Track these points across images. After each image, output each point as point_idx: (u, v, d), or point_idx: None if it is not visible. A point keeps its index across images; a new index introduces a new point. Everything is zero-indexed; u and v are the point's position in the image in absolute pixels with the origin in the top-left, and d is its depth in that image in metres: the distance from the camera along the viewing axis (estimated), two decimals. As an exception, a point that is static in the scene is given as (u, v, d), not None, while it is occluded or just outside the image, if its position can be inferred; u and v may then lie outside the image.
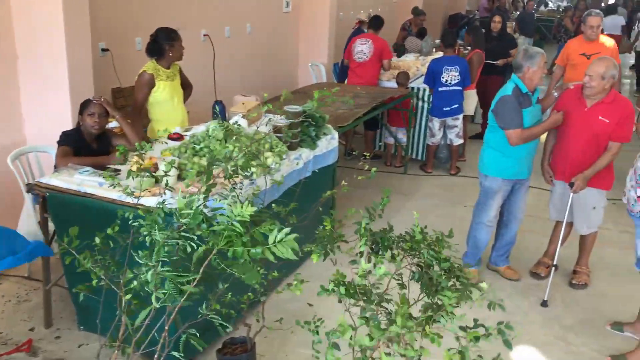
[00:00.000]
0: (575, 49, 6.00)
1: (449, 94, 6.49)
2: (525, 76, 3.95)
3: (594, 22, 5.85)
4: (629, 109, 3.93)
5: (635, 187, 3.36)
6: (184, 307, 2.10)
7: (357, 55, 6.82)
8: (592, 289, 4.38)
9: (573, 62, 5.90)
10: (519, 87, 3.96)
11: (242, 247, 1.74)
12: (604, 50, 5.74)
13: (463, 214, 5.33)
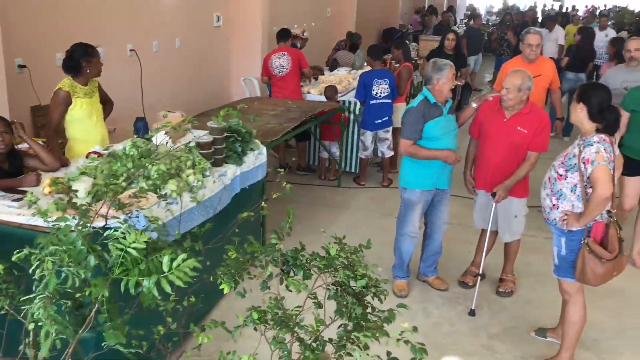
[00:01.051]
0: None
1: (379, 107, 6.56)
2: (435, 88, 4.07)
3: (533, 41, 5.37)
4: (545, 119, 4.07)
5: (550, 195, 3.46)
6: (88, 339, 2.00)
7: (277, 69, 6.87)
8: (518, 296, 4.48)
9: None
10: (427, 99, 4.08)
11: (138, 276, 1.66)
12: (546, 73, 5.44)
13: (393, 225, 5.36)
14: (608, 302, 4.38)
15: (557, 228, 3.45)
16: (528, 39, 5.42)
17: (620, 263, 3.32)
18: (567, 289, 3.51)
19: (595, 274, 3.26)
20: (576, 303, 3.49)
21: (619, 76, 5.36)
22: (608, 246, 3.29)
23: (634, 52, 5.30)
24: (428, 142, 4.10)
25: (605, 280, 3.32)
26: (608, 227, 3.32)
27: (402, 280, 4.45)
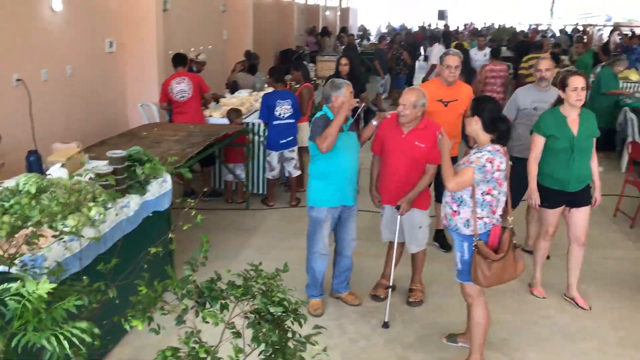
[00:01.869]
0: (430, 94, 4.90)
1: (283, 127, 6.61)
2: (335, 105, 4.18)
3: (453, 62, 5.01)
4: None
5: (450, 203, 3.63)
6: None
7: (179, 94, 6.75)
8: (428, 304, 4.64)
9: (428, 109, 4.74)
10: (327, 116, 4.18)
11: (35, 330, 1.53)
12: (463, 98, 5.04)
13: (305, 245, 5.39)
14: (511, 302, 4.64)
15: (458, 234, 3.61)
16: (447, 60, 5.05)
17: (514, 268, 3.55)
18: (469, 292, 3.68)
19: (484, 275, 3.48)
20: (479, 305, 3.68)
21: (529, 96, 5.25)
22: (499, 249, 3.51)
23: (544, 72, 5.18)
24: (328, 158, 4.18)
25: (496, 283, 3.53)
26: (504, 231, 3.54)
27: (317, 299, 4.48)
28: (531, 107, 5.18)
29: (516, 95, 5.40)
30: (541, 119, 4.49)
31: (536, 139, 4.46)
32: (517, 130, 5.14)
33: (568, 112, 4.36)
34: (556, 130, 4.36)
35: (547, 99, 5.03)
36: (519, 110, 5.27)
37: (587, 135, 4.38)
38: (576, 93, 4.25)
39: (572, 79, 4.25)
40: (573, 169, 4.38)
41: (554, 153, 4.42)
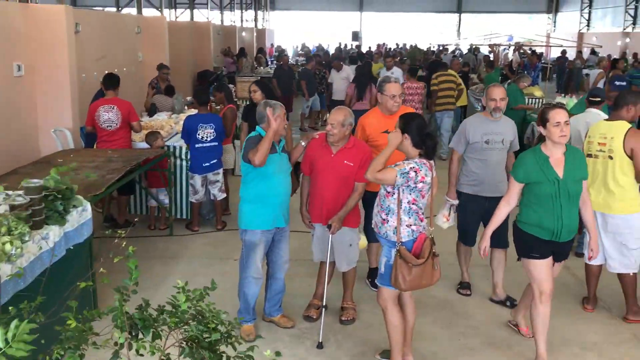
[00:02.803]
0: (373, 126, 4.77)
1: (206, 151, 6.49)
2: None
3: (396, 90, 4.70)
4: (368, 152, 4.36)
5: (380, 212, 3.78)
6: None
7: (106, 123, 6.41)
8: (360, 322, 4.67)
9: (375, 143, 4.64)
10: (261, 135, 4.15)
11: None
12: None
13: (233, 269, 5.29)
14: (439, 314, 4.75)
15: (388, 240, 3.76)
16: (390, 89, 4.69)
17: (432, 275, 3.72)
18: (386, 297, 3.83)
19: (405, 278, 3.62)
20: (392, 309, 3.84)
21: (479, 128, 4.75)
22: (420, 255, 3.68)
23: (499, 102, 4.67)
24: (262, 179, 4.16)
25: (415, 287, 3.71)
26: (426, 239, 3.72)
27: (249, 324, 4.40)
28: (482, 140, 4.72)
29: (465, 127, 4.86)
30: (519, 161, 3.91)
31: (511, 184, 3.96)
32: (469, 166, 4.85)
33: (551, 151, 3.79)
34: (538, 174, 3.77)
35: (500, 131, 4.73)
36: (468, 144, 4.80)
37: (575, 178, 3.79)
38: (559, 129, 3.68)
39: (553, 113, 3.71)
40: (563, 218, 3.78)
41: (539, 200, 3.81)
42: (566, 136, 3.72)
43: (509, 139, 4.82)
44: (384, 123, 4.70)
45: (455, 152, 4.93)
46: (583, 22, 32.38)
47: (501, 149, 4.78)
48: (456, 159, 4.93)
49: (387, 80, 4.84)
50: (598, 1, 31.45)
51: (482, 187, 4.81)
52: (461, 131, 4.87)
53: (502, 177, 4.81)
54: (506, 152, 4.85)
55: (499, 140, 4.74)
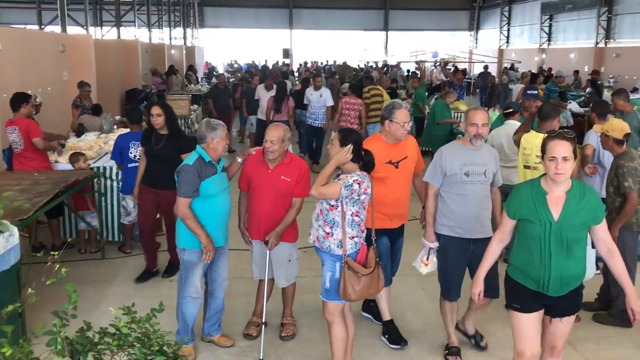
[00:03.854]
0: (377, 157, 4.01)
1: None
2: (210, 146, 4.16)
3: (406, 117, 4.25)
4: (305, 167, 4.41)
5: (322, 226, 3.82)
6: None
7: (13, 145, 6.22)
8: (300, 337, 4.68)
9: (377, 175, 4.07)
10: (202, 157, 4.14)
11: None
12: (410, 151, 4.42)
13: (170, 290, 5.21)
14: (369, 323, 4.83)
15: (331, 254, 3.81)
16: (400, 116, 4.20)
17: (377, 284, 3.81)
18: (332, 311, 3.87)
19: (354, 289, 3.69)
20: (339, 322, 3.89)
21: (457, 158, 4.11)
22: (366, 265, 3.77)
23: (481, 128, 4.03)
24: (205, 200, 4.13)
25: (363, 297, 3.80)
26: (369, 249, 3.83)
27: (189, 345, 4.32)
28: (461, 172, 4.08)
29: (441, 156, 4.18)
30: (514, 192, 3.36)
31: (503, 218, 3.43)
32: (447, 203, 4.17)
33: (550, 187, 3.21)
34: (530, 211, 3.21)
35: (482, 161, 4.11)
36: (445, 176, 4.16)
37: (575, 223, 3.16)
38: (554, 164, 3.10)
39: (552, 145, 3.12)
40: (551, 267, 3.18)
41: (528, 242, 3.26)
42: (564, 174, 3.11)
43: (492, 171, 4.18)
44: (387, 152, 4.25)
45: (431, 186, 4.24)
46: (503, 39, 33.97)
47: (484, 182, 4.13)
48: (432, 194, 4.25)
49: (398, 106, 4.28)
50: (516, 19, 33.11)
51: (464, 227, 4.14)
52: (436, 161, 4.18)
53: (488, 215, 4.22)
54: (489, 185, 4.20)
55: (481, 172, 4.10)
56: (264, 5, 35.19)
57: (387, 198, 4.25)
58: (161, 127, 5.37)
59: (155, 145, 5.44)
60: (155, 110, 5.39)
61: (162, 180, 5.40)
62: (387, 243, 4.43)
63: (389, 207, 4.31)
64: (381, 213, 4.23)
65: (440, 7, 36.24)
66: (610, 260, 3.29)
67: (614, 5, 23.67)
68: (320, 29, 36.40)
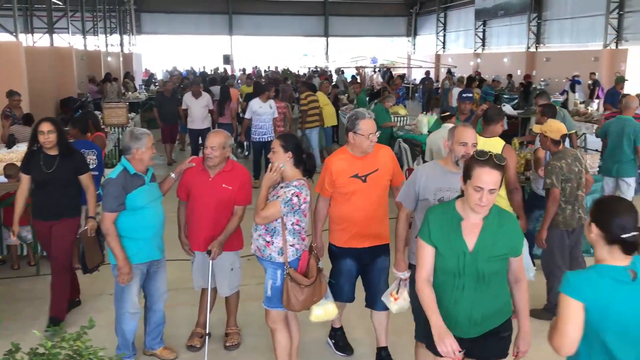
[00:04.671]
0: (342, 170, 3.94)
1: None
2: (135, 157, 4.03)
3: (372, 128, 3.86)
4: (246, 175, 4.37)
5: (263, 235, 3.79)
6: None
7: None
8: (245, 346, 4.64)
9: (343, 189, 3.94)
10: (127, 169, 4.01)
11: None
12: (383, 162, 4.01)
13: (109, 305, 5.05)
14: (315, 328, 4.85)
15: (272, 262, 3.79)
16: (365, 127, 3.83)
17: (320, 291, 3.81)
18: (275, 319, 3.86)
19: (298, 299, 3.68)
20: (282, 330, 3.88)
21: (434, 180, 3.58)
22: (308, 274, 3.75)
23: (470, 148, 3.48)
24: (135, 213, 4.02)
25: (307, 306, 3.77)
26: (310, 256, 3.80)
27: (130, 359, 4.21)
28: (434, 197, 3.55)
29: (415, 176, 3.67)
30: (428, 215, 2.91)
31: (421, 249, 2.89)
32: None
33: (467, 213, 2.81)
34: (442, 240, 2.82)
35: (456, 186, 3.27)
36: (418, 200, 3.66)
37: (492, 254, 2.79)
38: (479, 195, 2.69)
39: (479, 172, 2.68)
40: (463, 305, 2.82)
41: (437, 274, 2.88)
42: (486, 207, 2.73)
43: None
44: (353, 166, 3.94)
45: (402, 208, 3.76)
46: (439, 45, 34.83)
47: None
48: (403, 217, 3.76)
49: (361, 116, 3.89)
50: (451, 25, 34.03)
51: None
52: (411, 181, 3.70)
53: None
54: None
55: None
56: (203, 11, 34.84)
57: (355, 215, 3.97)
58: (52, 147, 4.67)
59: (46, 168, 4.67)
60: (46, 126, 4.62)
61: (59, 208, 4.75)
62: (352, 264, 4.09)
63: (357, 225, 3.99)
64: (347, 231, 4.02)
65: (379, 13, 36.87)
66: (515, 290, 2.97)
67: (543, 11, 24.68)
68: (261, 34, 36.32)
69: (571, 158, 4.98)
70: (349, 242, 4.05)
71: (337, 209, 4.06)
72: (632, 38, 19.69)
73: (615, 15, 20.10)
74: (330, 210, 4.12)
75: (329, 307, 3.94)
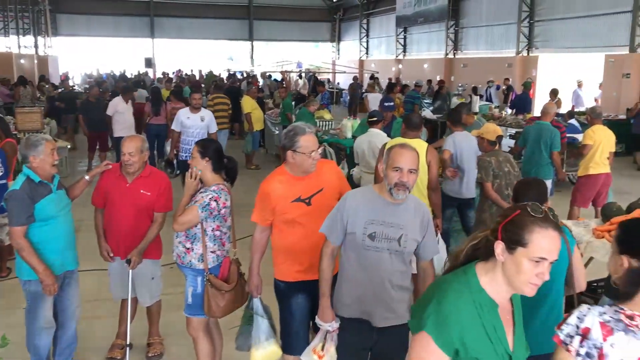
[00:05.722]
0: (281, 193, 3.40)
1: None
2: (34, 166, 3.80)
3: (314, 144, 3.33)
4: (166, 180, 4.29)
5: (183, 242, 3.75)
6: None
7: None
8: (168, 356, 4.56)
9: (284, 216, 3.42)
10: (31, 178, 3.77)
11: None
12: (329, 180, 3.49)
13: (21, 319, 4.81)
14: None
15: (192, 269, 3.75)
16: (306, 144, 3.31)
17: (242, 296, 3.80)
18: (196, 326, 3.82)
19: (219, 306, 3.65)
20: (204, 337, 3.84)
21: (364, 211, 2.93)
22: (229, 280, 3.73)
23: (406, 175, 2.82)
24: (46, 224, 3.81)
25: (228, 312, 3.74)
26: (231, 262, 3.79)
27: (43, 376, 4.03)
28: (364, 232, 2.94)
29: (344, 203, 3.02)
30: (444, 311, 1.90)
31: (427, 355, 1.90)
32: (346, 271, 3.07)
33: (499, 292, 1.96)
34: (479, 346, 1.89)
35: (399, 222, 2.90)
36: (347, 234, 3.01)
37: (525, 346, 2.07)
38: (539, 269, 1.87)
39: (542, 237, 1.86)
40: None
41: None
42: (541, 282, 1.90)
43: (413, 238, 2.94)
44: (294, 188, 3.41)
45: (327, 243, 3.10)
46: (362, 50, 35.46)
47: (395, 252, 2.93)
48: (329, 254, 3.09)
49: (300, 131, 3.36)
50: (374, 31, 34.71)
51: (364, 308, 3.02)
52: (339, 209, 3.03)
53: (401, 297, 3.02)
54: (407, 259, 3.01)
55: (394, 238, 2.91)
56: (123, 13, 33.79)
57: (301, 245, 3.40)
58: None
59: None
60: None
61: None
62: (305, 301, 3.49)
63: (304, 255, 3.41)
64: (296, 263, 3.45)
65: (304, 18, 37.07)
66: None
67: (460, 19, 25.64)
68: (184, 38, 35.66)
69: (502, 157, 5.38)
70: (299, 275, 3.46)
71: (281, 238, 3.49)
72: (541, 46, 20.80)
73: (526, 23, 21.16)
74: (273, 241, 3.56)
75: (271, 349, 3.57)
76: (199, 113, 8.14)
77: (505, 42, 22.42)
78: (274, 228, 3.53)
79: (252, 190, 5.71)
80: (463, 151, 6.06)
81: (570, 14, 18.97)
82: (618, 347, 1.80)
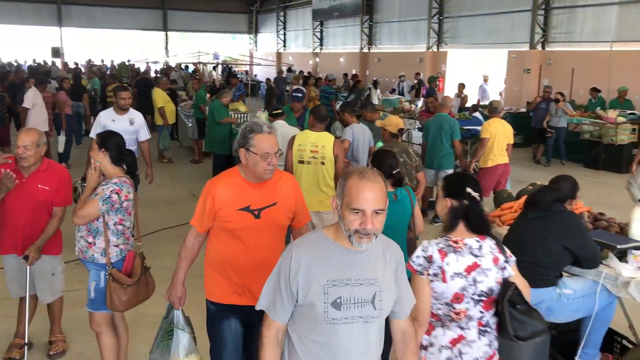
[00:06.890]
0: (228, 199, 2.98)
1: None
2: None
3: (271, 147, 2.92)
4: (65, 173, 4.18)
5: (85, 236, 3.70)
6: None
7: None
8: (71, 354, 4.46)
9: (228, 225, 3.00)
10: None
11: None
12: (285, 192, 3.08)
13: None
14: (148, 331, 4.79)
15: (95, 264, 3.70)
16: (261, 144, 2.90)
17: (147, 290, 3.79)
18: (99, 321, 3.79)
19: (121, 300, 3.63)
20: (107, 332, 3.82)
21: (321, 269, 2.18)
22: (132, 274, 3.71)
23: (371, 219, 2.11)
24: None
25: (132, 305, 3.73)
26: (136, 256, 3.77)
27: None
28: (326, 299, 2.18)
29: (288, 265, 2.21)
30: None
31: None
32: (297, 355, 2.26)
33: None
34: None
35: (367, 275, 2.21)
36: (296, 305, 2.27)
37: None
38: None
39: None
40: None
41: None
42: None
43: (390, 294, 2.27)
44: (246, 195, 2.98)
45: (269, 323, 2.29)
46: (280, 43, 35.47)
47: (370, 319, 2.21)
48: (272, 339, 2.27)
49: (257, 129, 2.93)
50: (290, 24, 34.79)
51: None
52: (281, 272, 2.24)
53: None
54: (380, 323, 2.28)
55: (367, 299, 2.20)
56: (27, 0, 32.01)
57: (239, 261, 2.98)
58: None
59: None
60: None
61: None
62: (237, 327, 3.07)
63: (240, 273, 2.99)
64: (229, 281, 3.02)
65: (220, 9, 36.56)
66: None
67: (374, 14, 26.20)
68: (95, 27, 34.25)
69: (399, 148, 5.60)
70: (232, 297, 3.02)
71: (217, 250, 3.05)
72: (450, 41, 21.64)
73: (436, 20, 21.94)
74: (208, 251, 3.12)
75: None
76: (126, 114, 6.46)
77: (417, 38, 23.14)
78: (211, 235, 3.08)
79: (164, 185, 5.57)
80: (359, 142, 6.43)
81: (476, 11, 19.88)
82: (452, 263, 2.63)
